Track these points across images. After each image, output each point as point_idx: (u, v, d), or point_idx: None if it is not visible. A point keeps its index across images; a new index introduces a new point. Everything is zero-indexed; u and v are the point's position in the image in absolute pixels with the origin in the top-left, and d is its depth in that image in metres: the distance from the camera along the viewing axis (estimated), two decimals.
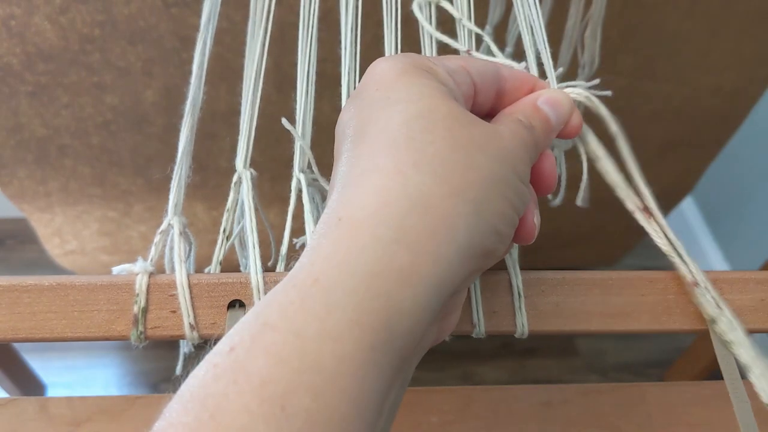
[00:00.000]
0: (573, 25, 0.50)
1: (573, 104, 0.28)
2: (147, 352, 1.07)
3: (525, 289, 0.30)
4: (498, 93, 0.27)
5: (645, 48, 0.67)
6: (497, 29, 0.49)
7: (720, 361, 0.29)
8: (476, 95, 0.26)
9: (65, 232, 0.82)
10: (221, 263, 0.32)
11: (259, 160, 0.66)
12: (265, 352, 0.18)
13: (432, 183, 0.21)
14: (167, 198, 0.31)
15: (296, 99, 0.35)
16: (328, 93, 0.38)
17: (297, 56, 0.35)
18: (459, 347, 1.12)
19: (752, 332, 0.30)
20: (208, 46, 0.34)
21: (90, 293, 0.28)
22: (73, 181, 0.72)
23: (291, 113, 0.34)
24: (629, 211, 0.30)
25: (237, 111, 0.34)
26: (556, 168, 0.28)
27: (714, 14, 0.65)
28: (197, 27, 0.34)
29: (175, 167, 0.32)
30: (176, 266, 0.29)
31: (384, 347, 0.19)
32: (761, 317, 0.30)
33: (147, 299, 0.28)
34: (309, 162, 0.34)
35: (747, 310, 0.30)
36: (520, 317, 0.30)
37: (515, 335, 0.30)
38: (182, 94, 0.33)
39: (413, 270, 0.20)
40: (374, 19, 0.36)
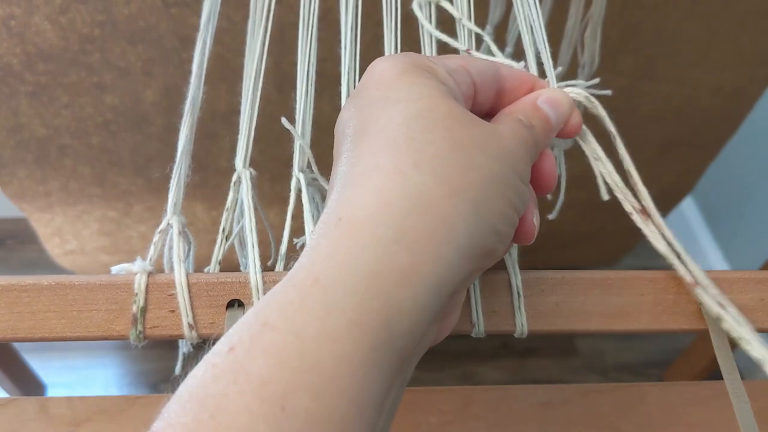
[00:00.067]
0: (573, 25, 0.50)
1: (572, 104, 0.28)
2: (147, 352, 1.07)
3: (524, 289, 0.30)
4: (498, 92, 0.27)
5: (645, 48, 0.67)
6: (497, 29, 0.49)
7: (720, 361, 0.29)
8: (476, 95, 0.26)
9: (65, 232, 0.82)
10: (220, 263, 0.32)
11: (259, 160, 0.66)
12: (265, 352, 0.18)
13: (432, 183, 0.21)
14: (167, 198, 0.31)
15: (296, 98, 0.35)
16: (328, 92, 0.38)
17: (297, 56, 0.35)
18: (459, 347, 1.12)
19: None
20: (208, 46, 0.34)
21: (89, 293, 0.28)
22: (73, 181, 0.72)
23: (291, 113, 0.34)
24: (627, 213, 0.30)
25: (237, 110, 0.34)
26: (556, 167, 0.28)
27: (714, 14, 0.65)
28: (197, 27, 0.34)
29: (175, 166, 0.32)
30: (175, 266, 0.29)
31: (384, 347, 0.19)
32: (761, 317, 0.30)
33: (146, 299, 0.28)
34: (309, 161, 0.34)
35: (747, 310, 0.30)
36: (520, 317, 0.30)
37: (515, 335, 0.30)
38: (182, 94, 0.33)
39: (413, 270, 0.20)
40: (374, 19, 0.36)
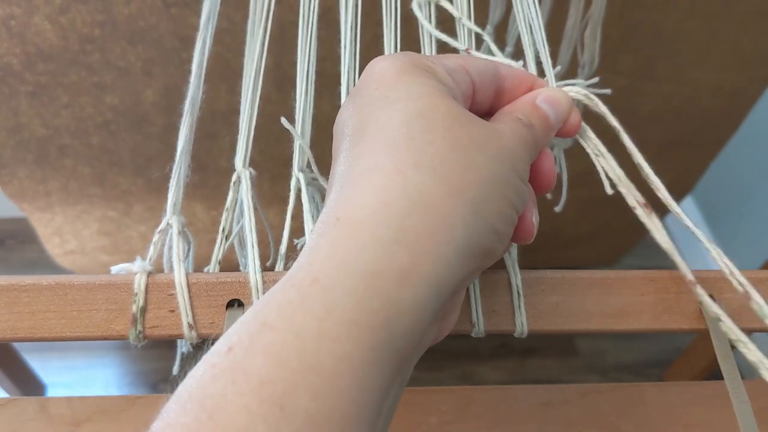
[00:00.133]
0: (573, 25, 0.50)
1: (572, 103, 0.28)
2: (146, 352, 1.07)
3: (524, 289, 0.30)
4: (497, 92, 0.27)
5: (645, 48, 0.67)
6: (498, 29, 0.49)
7: (720, 361, 0.29)
8: (475, 94, 0.26)
9: (65, 232, 0.82)
10: (220, 263, 0.32)
11: (259, 160, 0.66)
12: (264, 352, 0.18)
13: (432, 183, 0.21)
14: (167, 198, 0.31)
15: (296, 98, 0.35)
16: (328, 92, 0.38)
17: (297, 55, 0.35)
18: (458, 347, 1.12)
19: (753, 332, 0.30)
20: (208, 46, 0.34)
21: (89, 293, 0.28)
22: (73, 181, 0.72)
23: (290, 112, 0.34)
24: (630, 207, 0.30)
25: (236, 110, 0.34)
26: (555, 166, 0.28)
27: (714, 14, 0.65)
28: (197, 27, 0.34)
29: (174, 166, 0.32)
30: (175, 265, 0.29)
31: (383, 347, 0.19)
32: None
33: (146, 299, 0.28)
34: (308, 161, 0.34)
35: (747, 309, 0.30)
36: (520, 316, 0.30)
37: (514, 335, 0.30)
38: (182, 94, 0.33)
39: (413, 270, 0.20)
40: (374, 18, 0.36)
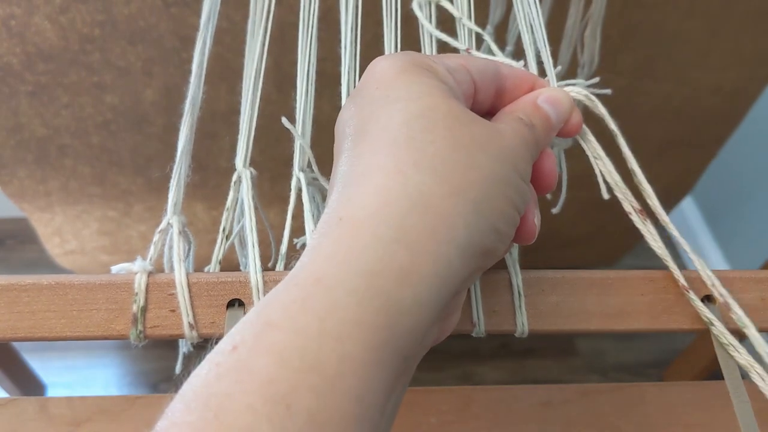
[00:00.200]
0: (573, 25, 0.50)
1: (573, 103, 0.28)
2: (147, 352, 1.07)
3: (525, 289, 0.30)
4: (498, 91, 0.27)
5: (645, 47, 0.67)
6: (498, 29, 0.49)
7: (721, 361, 0.29)
8: (476, 93, 0.26)
9: (65, 232, 0.82)
10: (221, 262, 0.32)
11: (259, 160, 0.66)
12: (268, 351, 0.18)
13: (432, 183, 0.21)
14: (167, 197, 0.31)
15: (296, 98, 0.35)
16: (328, 92, 0.38)
17: (297, 55, 0.35)
18: (458, 347, 1.12)
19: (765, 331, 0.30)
20: (208, 46, 0.34)
21: (89, 292, 0.28)
22: (73, 181, 0.72)
23: (291, 112, 0.34)
24: (626, 213, 0.30)
25: (237, 110, 0.34)
26: (556, 166, 0.28)
27: (714, 14, 0.65)
28: (197, 27, 0.34)
29: (175, 166, 0.32)
30: (175, 265, 0.29)
31: (385, 347, 0.19)
32: (763, 316, 0.30)
33: (146, 298, 0.28)
34: (309, 161, 0.34)
35: (748, 310, 0.30)
36: (520, 316, 0.30)
37: (515, 334, 0.30)
38: (182, 94, 0.33)
39: (413, 269, 0.20)
40: (374, 18, 0.36)
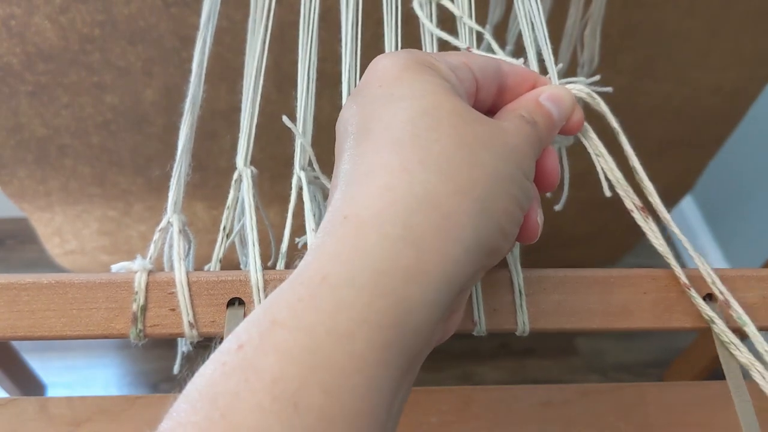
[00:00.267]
0: (573, 24, 0.50)
1: (575, 100, 0.28)
2: (147, 352, 1.07)
3: (526, 287, 0.30)
4: (499, 89, 0.27)
5: (645, 47, 0.67)
6: (498, 28, 0.49)
7: (722, 359, 0.29)
8: (478, 91, 0.26)
9: (65, 232, 0.82)
10: (221, 261, 0.32)
11: (260, 159, 0.66)
12: (275, 350, 0.18)
13: (437, 181, 0.21)
14: (167, 197, 0.31)
15: (296, 97, 0.35)
16: (329, 92, 0.38)
17: (297, 55, 0.35)
18: (459, 347, 1.12)
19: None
20: (208, 45, 0.34)
21: (89, 291, 0.28)
22: (73, 181, 0.72)
23: (291, 112, 0.34)
24: (627, 211, 0.30)
25: (237, 109, 0.34)
26: (558, 164, 0.28)
27: (714, 13, 0.65)
28: (197, 26, 0.34)
29: (175, 165, 0.32)
30: (175, 264, 0.29)
31: (392, 346, 0.19)
32: (764, 315, 0.30)
33: (146, 297, 0.28)
34: (310, 160, 0.34)
35: (750, 308, 0.30)
36: (522, 315, 0.30)
37: (516, 333, 0.30)
38: (182, 94, 0.33)
39: (419, 268, 0.20)
40: (374, 18, 0.36)
